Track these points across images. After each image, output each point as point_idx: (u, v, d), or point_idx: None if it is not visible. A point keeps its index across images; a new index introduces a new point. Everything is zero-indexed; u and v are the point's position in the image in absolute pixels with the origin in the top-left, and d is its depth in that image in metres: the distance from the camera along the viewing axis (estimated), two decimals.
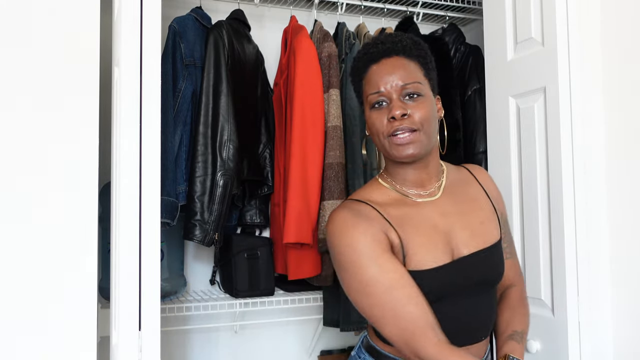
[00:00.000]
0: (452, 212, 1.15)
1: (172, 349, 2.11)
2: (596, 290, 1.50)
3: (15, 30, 1.21)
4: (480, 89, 2.12)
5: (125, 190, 1.14)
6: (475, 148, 2.10)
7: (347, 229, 1.07)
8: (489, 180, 1.26)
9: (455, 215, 1.14)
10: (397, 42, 1.13)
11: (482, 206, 1.20)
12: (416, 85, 1.09)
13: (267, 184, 2.06)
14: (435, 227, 1.12)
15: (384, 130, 1.09)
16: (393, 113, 1.07)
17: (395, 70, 1.10)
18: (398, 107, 1.07)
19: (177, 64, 1.86)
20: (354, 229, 1.07)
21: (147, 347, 1.13)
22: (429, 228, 1.11)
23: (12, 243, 1.17)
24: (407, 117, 1.07)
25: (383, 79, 1.10)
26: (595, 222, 1.52)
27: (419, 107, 1.08)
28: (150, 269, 1.14)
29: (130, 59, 1.16)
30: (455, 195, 1.17)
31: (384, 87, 1.09)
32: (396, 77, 1.09)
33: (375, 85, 1.11)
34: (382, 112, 1.10)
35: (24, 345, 1.17)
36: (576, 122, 1.50)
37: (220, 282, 2.08)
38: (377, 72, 1.11)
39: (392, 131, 1.08)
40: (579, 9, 1.52)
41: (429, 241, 1.10)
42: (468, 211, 1.16)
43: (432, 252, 1.09)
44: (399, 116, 1.07)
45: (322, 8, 2.26)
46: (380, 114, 1.10)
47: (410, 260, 1.07)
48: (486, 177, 1.27)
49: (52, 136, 1.21)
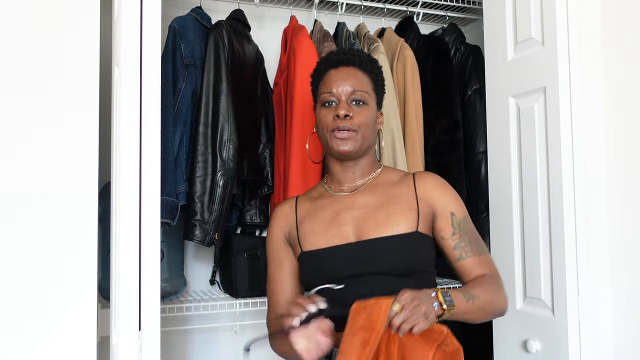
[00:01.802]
0: (362, 206, 1.29)
1: (172, 349, 2.10)
2: (596, 290, 1.50)
3: (15, 30, 1.21)
4: (480, 89, 2.12)
5: (125, 190, 1.14)
6: (475, 148, 2.09)
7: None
8: (430, 184, 1.30)
9: (363, 208, 1.28)
10: (356, 55, 1.32)
11: (399, 202, 1.27)
12: (363, 94, 1.28)
13: (267, 184, 2.06)
14: (336, 216, 1.29)
15: (328, 125, 1.27)
16: (338, 112, 1.25)
17: (349, 78, 1.28)
18: (343, 108, 1.26)
19: (177, 64, 1.86)
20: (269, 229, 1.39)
21: (147, 347, 1.13)
22: (328, 217, 1.30)
23: (12, 243, 1.17)
24: (349, 118, 1.25)
25: (337, 82, 1.28)
26: (595, 222, 1.52)
27: (361, 113, 1.27)
28: (150, 269, 1.14)
29: (130, 59, 1.16)
30: (374, 193, 1.30)
31: (336, 89, 1.28)
32: (348, 83, 1.28)
33: (329, 87, 1.29)
34: (330, 110, 1.28)
35: (24, 345, 1.17)
36: (576, 122, 1.50)
37: (220, 282, 2.08)
38: (333, 76, 1.30)
39: (335, 127, 1.26)
40: (579, 9, 1.53)
41: (322, 228, 1.29)
42: (379, 206, 1.28)
43: (322, 237, 1.27)
44: (342, 115, 1.25)
45: (322, 8, 2.26)
46: (329, 112, 1.28)
47: (304, 243, 1.30)
48: (428, 181, 1.31)
49: (52, 136, 1.21)
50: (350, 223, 1.28)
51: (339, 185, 1.34)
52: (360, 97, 1.28)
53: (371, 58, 1.35)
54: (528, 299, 1.58)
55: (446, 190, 1.30)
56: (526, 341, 1.55)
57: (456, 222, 1.26)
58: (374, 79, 1.33)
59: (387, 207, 1.27)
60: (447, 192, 1.30)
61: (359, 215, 1.28)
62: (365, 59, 1.33)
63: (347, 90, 1.27)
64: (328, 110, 1.28)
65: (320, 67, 1.35)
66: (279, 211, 1.38)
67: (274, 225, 1.37)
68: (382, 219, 1.25)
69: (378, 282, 1.21)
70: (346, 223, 1.28)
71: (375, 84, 1.33)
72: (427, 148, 2.09)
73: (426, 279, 1.25)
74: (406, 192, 1.29)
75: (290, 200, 1.40)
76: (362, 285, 1.23)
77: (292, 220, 1.35)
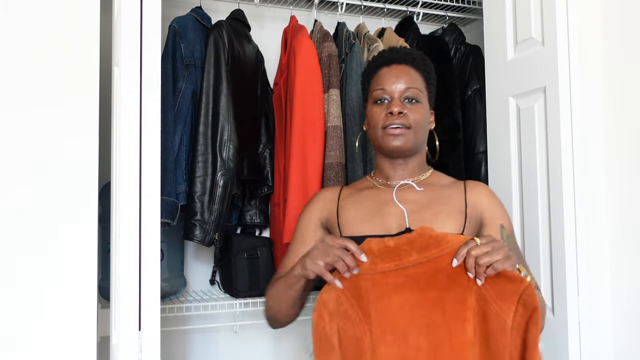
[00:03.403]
0: (409, 201, 1.26)
1: (172, 349, 2.10)
2: (596, 290, 1.50)
3: (15, 30, 1.21)
4: (480, 89, 2.12)
5: (125, 190, 1.14)
6: (475, 148, 2.09)
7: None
8: (482, 193, 1.28)
9: (411, 204, 1.25)
10: (409, 53, 1.32)
11: (448, 204, 1.25)
12: (416, 91, 1.27)
13: (267, 184, 2.06)
14: (381, 208, 1.26)
15: (380, 122, 1.26)
16: (392, 109, 1.24)
17: (402, 75, 1.27)
18: (397, 105, 1.25)
19: (177, 64, 1.86)
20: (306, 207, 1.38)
21: (147, 347, 1.13)
22: (374, 207, 1.27)
23: (11, 243, 1.17)
24: (403, 115, 1.24)
25: (390, 80, 1.27)
26: (595, 222, 1.52)
27: (415, 110, 1.26)
28: (150, 269, 1.14)
29: (130, 59, 1.16)
30: (421, 191, 1.28)
31: (388, 87, 1.27)
32: (401, 81, 1.27)
33: (382, 84, 1.28)
34: (382, 107, 1.27)
35: (24, 345, 1.17)
36: (576, 122, 1.50)
37: (220, 282, 2.08)
38: (386, 73, 1.29)
39: (388, 124, 1.24)
40: (579, 9, 1.53)
41: (366, 216, 1.26)
42: (428, 204, 1.25)
43: (365, 225, 1.25)
44: (396, 112, 1.24)
45: (322, 8, 2.26)
46: (381, 109, 1.27)
47: (344, 228, 1.27)
48: (480, 189, 1.29)
49: (52, 136, 1.22)
50: (395, 215, 1.24)
51: (387, 181, 1.33)
52: (413, 94, 1.27)
53: (423, 56, 1.34)
54: None
55: (496, 202, 1.28)
56: None
57: (505, 235, 1.21)
58: (426, 78, 1.32)
59: (435, 206, 1.25)
60: (497, 203, 1.28)
61: (406, 210, 1.24)
62: (417, 56, 1.32)
63: (400, 87, 1.27)
64: (380, 107, 1.27)
65: (372, 65, 1.34)
66: (321, 195, 1.37)
67: (312, 206, 1.35)
68: (428, 217, 1.22)
69: None
70: (391, 215, 1.25)
71: (427, 82, 1.32)
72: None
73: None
74: (456, 195, 1.27)
75: (334, 187, 1.39)
76: None
77: (333, 206, 1.33)
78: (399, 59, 1.30)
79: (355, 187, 1.37)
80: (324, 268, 1.08)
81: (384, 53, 1.35)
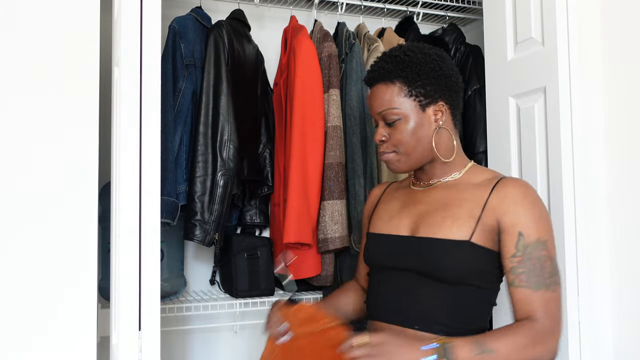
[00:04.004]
0: (428, 202, 1.25)
1: (172, 349, 2.11)
2: (596, 290, 1.50)
3: (15, 30, 1.21)
4: (480, 89, 2.12)
5: (125, 190, 1.14)
6: (475, 148, 2.09)
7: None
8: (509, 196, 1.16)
9: (428, 205, 1.24)
10: (380, 68, 1.24)
11: (462, 207, 1.18)
12: (390, 111, 1.21)
13: (267, 184, 2.06)
14: (403, 208, 1.29)
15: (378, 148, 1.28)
16: (375, 139, 1.25)
17: (375, 101, 1.24)
18: (378, 133, 1.24)
19: (177, 63, 1.86)
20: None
21: (147, 347, 1.13)
22: (398, 206, 1.30)
23: (12, 243, 1.17)
24: (386, 142, 1.24)
25: (371, 107, 1.27)
26: (595, 221, 1.52)
27: (395, 131, 1.22)
28: (150, 269, 1.14)
29: (130, 59, 1.16)
30: (447, 191, 1.24)
31: (372, 113, 1.26)
32: (375, 107, 1.24)
33: (370, 110, 1.28)
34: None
35: (24, 345, 1.17)
36: (576, 122, 1.50)
37: (220, 282, 2.08)
38: (369, 99, 1.28)
39: (379, 151, 1.26)
40: (579, 9, 1.52)
41: (387, 215, 1.31)
42: (442, 206, 1.21)
43: (384, 224, 1.29)
44: (377, 141, 1.25)
45: (322, 8, 2.26)
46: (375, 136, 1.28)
47: (371, 224, 1.34)
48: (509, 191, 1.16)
49: (52, 136, 1.22)
50: (410, 217, 1.25)
51: (418, 181, 1.32)
52: (387, 116, 1.21)
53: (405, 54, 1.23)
54: None
55: (525, 207, 1.14)
56: None
57: (522, 244, 1.12)
58: (406, 82, 1.20)
59: (448, 209, 1.20)
60: (525, 208, 1.14)
61: (422, 211, 1.24)
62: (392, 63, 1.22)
63: (376, 113, 1.24)
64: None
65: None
66: (373, 191, 1.45)
67: (367, 202, 1.45)
68: (437, 220, 1.19)
69: (410, 280, 1.19)
70: (407, 216, 1.26)
71: (409, 85, 1.20)
72: None
73: (470, 292, 1.16)
74: (477, 197, 1.18)
75: (385, 184, 1.44)
76: (395, 280, 1.22)
77: (376, 201, 1.41)
78: (372, 79, 1.25)
79: (399, 184, 1.40)
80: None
81: (366, 74, 1.29)
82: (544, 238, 1.13)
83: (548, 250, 1.13)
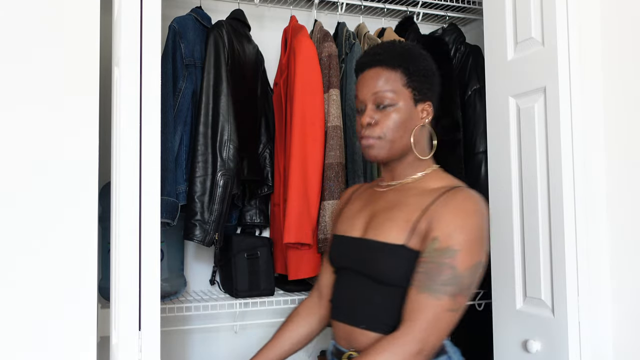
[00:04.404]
0: (381, 204, 1.28)
1: (172, 349, 2.10)
2: (596, 290, 1.50)
3: (15, 30, 1.21)
4: (480, 89, 2.12)
5: (125, 190, 1.14)
6: (475, 148, 2.09)
7: None
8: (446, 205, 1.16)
9: (380, 207, 1.27)
10: (380, 53, 1.25)
11: (404, 211, 1.21)
12: (387, 94, 1.22)
13: (267, 184, 2.06)
14: (361, 209, 1.32)
15: (359, 132, 1.26)
16: (362, 120, 1.24)
17: (372, 82, 1.23)
18: (367, 115, 1.23)
19: (177, 63, 1.86)
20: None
21: (147, 347, 1.13)
22: (358, 208, 1.34)
23: (12, 243, 1.17)
24: (373, 125, 1.23)
25: (362, 88, 1.25)
26: (595, 222, 1.52)
27: (387, 117, 1.22)
28: (150, 269, 1.14)
29: (130, 59, 1.16)
30: (399, 194, 1.27)
31: (362, 95, 1.25)
32: (371, 87, 1.23)
33: (358, 92, 1.27)
34: (359, 117, 1.27)
35: (24, 345, 1.17)
36: (576, 122, 1.50)
37: (220, 282, 2.08)
38: (361, 81, 1.27)
39: (362, 135, 1.25)
40: (579, 9, 1.52)
41: (348, 216, 1.34)
42: (388, 209, 1.25)
43: (343, 225, 1.33)
44: (364, 124, 1.23)
45: (322, 8, 2.26)
46: (359, 119, 1.26)
47: (336, 225, 1.38)
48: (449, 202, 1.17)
49: (52, 136, 1.21)
50: (365, 218, 1.29)
51: (382, 181, 1.34)
52: (382, 99, 1.21)
53: (405, 48, 1.26)
54: (528, 299, 1.58)
55: (453, 215, 1.14)
56: (526, 341, 1.55)
57: (432, 247, 1.13)
58: (406, 72, 1.23)
59: (391, 212, 1.23)
60: (452, 216, 1.14)
61: (373, 213, 1.28)
62: (395, 52, 1.24)
63: (370, 94, 1.23)
64: (359, 117, 1.27)
65: (355, 71, 1.32)
66: (346, 191, 1.48)
67: (339, 203, 1.48)
68: (380, 223, 1.23)
69: (359, 281, 1.24)
70: (362, 217, 1.29)
71: (409, 76, 1.23)
72: None
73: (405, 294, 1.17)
74: (421, 202, 1.20)
75: (357, 185, 1.48)
76: (348, 280, 1.28)
77: (345, 202, 1.44)
78: (370, 63, 1.25)
79: (369, 186, 1.42)
80: None
81: (362, 57, 1.29)
82: (455, 248, 1.12)
83: (455, 261, 1.11)
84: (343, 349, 1.25)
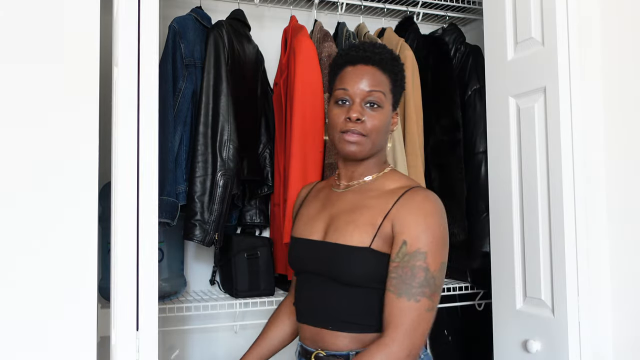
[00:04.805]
0: (341, 206, 1.27)
1: (172, 349, 2.10)
2: (596, 290, 1.50)
3: (15, 30, 1.21)
4: (480, 89, 2.12)
5: (123, 190, 1.14)
6: (475, 148, 2.09)
7: None
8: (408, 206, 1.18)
9: (340, 209, 1.27)
10: (376, 53, 1.25)
11: (366, 214, 1.21)
12: (379, 95, 1.23)
13: (267, 184, 2.06)
14: (320, 210, 1.31)
15: (339, 125, 1.23)
16: (350, 114, 1.20)
17: (365, 77, 1.22)
18: (356, 110, 1.21)
19: (177, 63, 1.86)
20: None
21: (145, 348, 1.13)
22: (316, 209, 1.33)
23: (12, 243, 1.18)
24: (361, 122, 1.21)
25: (353, 80, 1.23)
26: (595, 222, 1.51)
27: (375, 116, 1.22)
28: (148, 269, 1.14)
29: (128, 58, 1.16)
30: (358, 196, 1.27)
31: (351, 88, 1.22)
32: (365, 83, 1.22)
33: (345, 84, 1.24)
34: (342, 109, 1.23)
35: (24, 345, 1.17)
36: (576, 122, 1.50)
37: (220, 282, 2.08)
38: (350, 73, 1.24)
39: (346, 129, 1.21)
40: (579, 9, 1.52)
41: (306, 218, 1.34)
42: (348, 211, 1.25)
43: (302, 227, 1.32)
44: (354, 119, 1.20)
45: (322, 8, 2.26)
46: (341, 111, 1.23)
47: (294, 227, 1.38)
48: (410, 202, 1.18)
49: (52, 136, 1.22)
50: (324, 221, 1.28)
51: (340, 181, 1.33)
52: (375, 99, 1.22)
53: (393, 56, 1.28)
54: (528, 299, 1.58)
55: (416, 217, 1.16)
56: (526, 341, 1.55)
57: (402, 252, 1.15)
58: (393, 79, 1.26)
59: (352, 214, 1.23)
60: (415, 218, 1.16)
61: (332, 215, 1.27)
62: (386, 56, 1.26)
63: (362, 90, 1.22)
64: (341, 109, 1.23)
65: (339, 61, 1.29)
66: (301, 191, 1.47)
67: (295, 203, 1.46)
68: (341, 226, 1.23)
69: (322, 284, 1.24)
70: (321, 220, 1.29)
71: (394, 84, 1.26)
72: (427, 148, 2.09)
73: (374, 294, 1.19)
74: (382, 205, 1.21)
75: (313, 183, 1.46)
76: (310, 283, 1.28)
77: (300, 202, 1.43)
78: (365, 59, 1.24)
79: (323, 185, 1.41)
80: None
81: (351, 50, 1.27)
82: (423, 250, 1.14)
83: (426, 263, 1.14)
84: (310, 349, 1.26)
